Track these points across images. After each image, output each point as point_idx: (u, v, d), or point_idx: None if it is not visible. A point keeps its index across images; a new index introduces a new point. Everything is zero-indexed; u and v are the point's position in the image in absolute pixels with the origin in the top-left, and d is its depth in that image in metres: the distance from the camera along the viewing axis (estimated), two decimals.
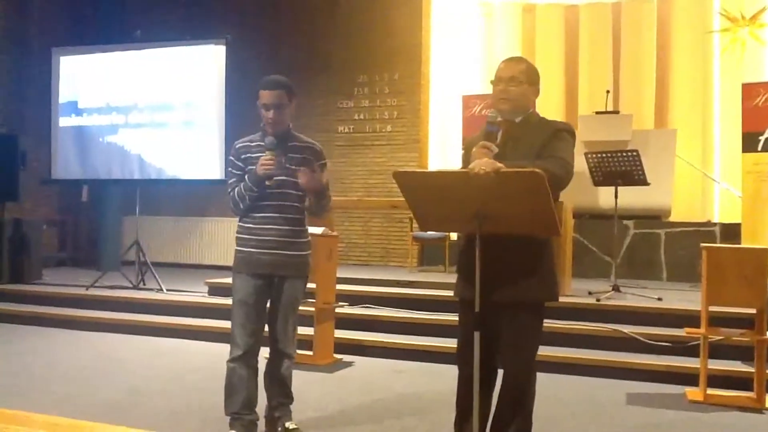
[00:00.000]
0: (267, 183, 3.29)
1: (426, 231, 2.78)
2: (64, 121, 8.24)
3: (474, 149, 2.63)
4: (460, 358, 2.86)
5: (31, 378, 4.75)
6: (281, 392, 3.49)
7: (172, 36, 8.54)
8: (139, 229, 7.68)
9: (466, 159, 2.82)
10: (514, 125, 2.81)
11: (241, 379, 3.33)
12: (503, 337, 2.72)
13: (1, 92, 9.52)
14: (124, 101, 8.01)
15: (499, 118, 2.73)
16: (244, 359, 3.34)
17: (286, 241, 3.37)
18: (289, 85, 3.42)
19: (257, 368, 3.43)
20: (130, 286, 7.42)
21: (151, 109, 7.91)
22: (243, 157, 3.40)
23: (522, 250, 2.69)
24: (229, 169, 3.47)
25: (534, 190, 2.42)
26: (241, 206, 3.37)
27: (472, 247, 2.68)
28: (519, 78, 2.79)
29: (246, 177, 3.33)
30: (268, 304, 3.44)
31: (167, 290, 7.15)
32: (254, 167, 3.31)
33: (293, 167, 3.33)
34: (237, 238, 3.45)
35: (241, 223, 3.43)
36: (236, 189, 3.37)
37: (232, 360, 3.35)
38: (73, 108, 8.22)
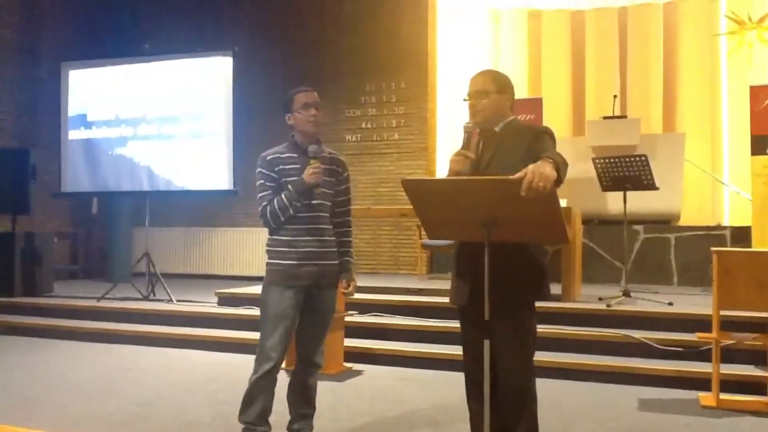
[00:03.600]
0: (315, 192, 3.26)
1: (433, 239, 2.76)
2: (74, 134, 8.30)
3: (452, 156, 2.74)
4: (465, 366, 2.90)
5: (43, 390, 4.77)
6: (306, 403, 3.44)
7: (181, 48, 8.60)
8: (149, 241, 7.73)
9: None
10: (494, 134, 2.85)
11: (263, 391, 3.28)
12: (502, 341, 2.71)
13: (13, 107, 9.60)
14: (132, 113, 8.06)
15: (470, 125, 2.81)
16: (274, 372, 3.28)
17: (326, 251, 3.34)
18: None
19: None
20: (141, 297, 7.45)
21: (159, 121, 7.95)
22: (277, 168, 3.30)
23: (511, 252, 2.70)
24: (261, 181, 3.33)
25: (545, 196, 2.40)
26: (282, 218, 3.27)
27: (465, 253, 2.80)
28: (486, 89, 2.84)
29: (290, 186, 3.25)
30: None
31: (177, 301, 7.17)
32: (294, 178, 3.26)
33: (325, 178, 3.32)
34: (272, 251, 3.34)
35: (275, 236, 3.33)
36: (275, 200, 3.27)
37: (263, 374, 3.25)
38: (83, 121, 8.28)
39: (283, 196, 3.26)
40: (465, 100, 2.90)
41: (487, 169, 2.77)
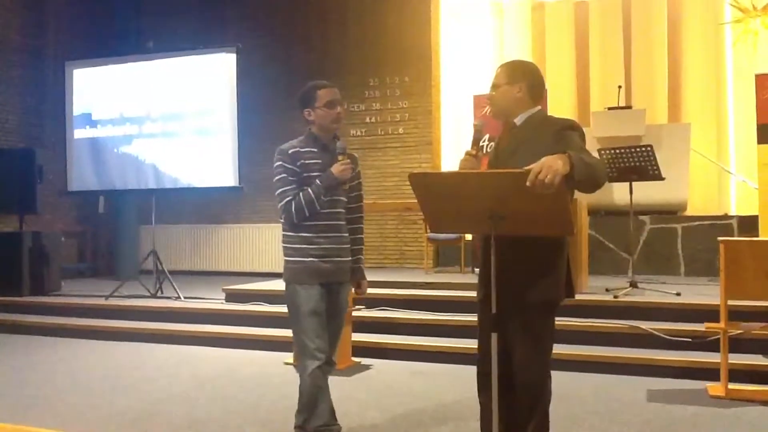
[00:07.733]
0: (343, 188, 3.28)
1: (438, 232, 2.75)
2: (79, 133, 8.33)
3: (463, 157, 2.75)
4: (478, 358, 2.88)
5: (52, 389, 4.79)
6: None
7: (184, 46, 8.61)
8: (155, 238, 7.76)
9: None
10: (515, 127, 2.81)
11: (321, 389, 3.24)
12: (517, 338, 2.71)
13: (19, 107, 9.64)
14: (137, 112, 8.08)
15: (478, 123, 2.86)
16: (325, 369, 3.24)
17: (343, 248, 3.33)
18: None
19: None
20: (149, 294, 7.48)
21: (164, 118, 7.97)
22: (299, 163, 3.23)
23: (537, 250, 2.68)
24: (283, 175, 3.23)
25: (555, 191, 2.37)
26: (307, 213, 3.19)
27: (488, 247, 2.69)
28: (497, 82, 2.82)
29: (318, 180, 3.20)
30: None
31: (185, 298, 7.20)
32: (319, 173, 3.21)
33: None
34: (291, 248, 3.28)
35: (294, 233, 3.26)
36: (301, 194, 3.19)
37: (317, 373, 3.20)
38: (88, 120, 8.31)
39: (310, 190, 3.20)
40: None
41: (508, 163, 2.71)
